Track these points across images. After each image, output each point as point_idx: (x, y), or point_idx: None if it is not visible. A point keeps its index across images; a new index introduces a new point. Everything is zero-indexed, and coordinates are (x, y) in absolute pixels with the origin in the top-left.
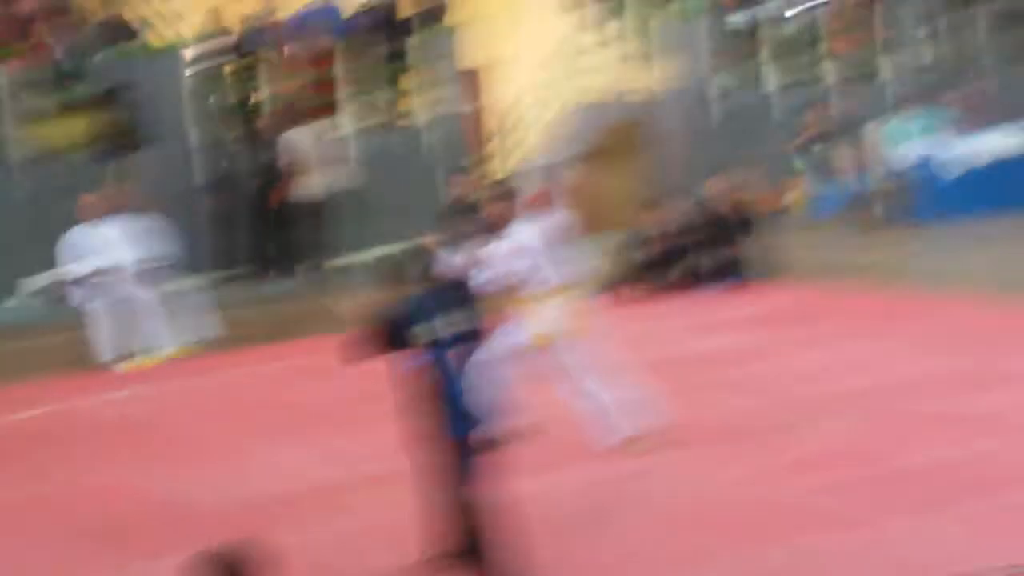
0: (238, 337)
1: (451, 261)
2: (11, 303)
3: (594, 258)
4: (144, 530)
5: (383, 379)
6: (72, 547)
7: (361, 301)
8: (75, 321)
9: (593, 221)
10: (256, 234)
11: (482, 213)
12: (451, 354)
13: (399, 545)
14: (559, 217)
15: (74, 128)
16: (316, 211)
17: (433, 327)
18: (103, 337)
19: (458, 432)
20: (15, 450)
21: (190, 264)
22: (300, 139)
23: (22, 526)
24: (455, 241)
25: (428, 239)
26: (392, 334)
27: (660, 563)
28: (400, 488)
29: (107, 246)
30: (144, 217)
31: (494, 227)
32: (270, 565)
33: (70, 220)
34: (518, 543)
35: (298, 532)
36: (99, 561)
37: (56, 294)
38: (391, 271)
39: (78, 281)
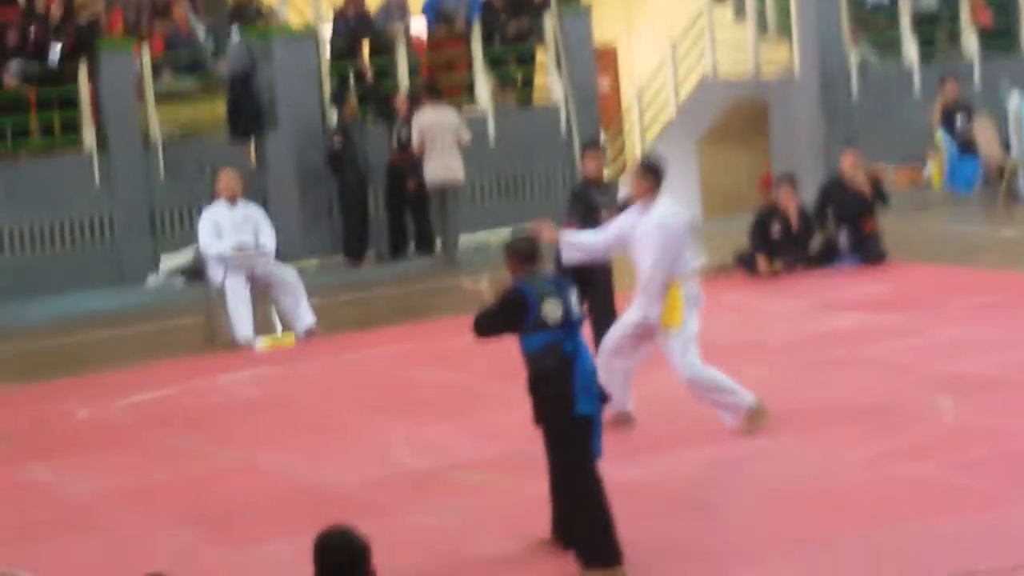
0: (369, 317)
1: (587, 240)
2: (151, 281)
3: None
4: (266, 512)
5: (515, 359)
6: (192, 529)
7: (494, 279)
8: (214, 299)
9: (725, 198)
10: (386, 214)
11: (621, 189)
12: (577, 331)
13: (521, 527)
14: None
15: (212, 108)
16: (448, 191)
17: (561, 305)
18: (241, 315)
19: (585, 409)
20: (145, 431)
21: (315, 245)
22: (433, 118)
23: (146, 507)
24: (587, 219)
25: (548, 225)
26: (522, 312)
27: (785, 545)
28: (527, 470)
29: (246, 224)
30: (268, 199)
31: (636, 203)
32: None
33: (209, 199)
34: (623, 524)
35: (420, 513)
36: (216, 543)
37: (195, 272)
38: (523, 250)
39: (218, 258)
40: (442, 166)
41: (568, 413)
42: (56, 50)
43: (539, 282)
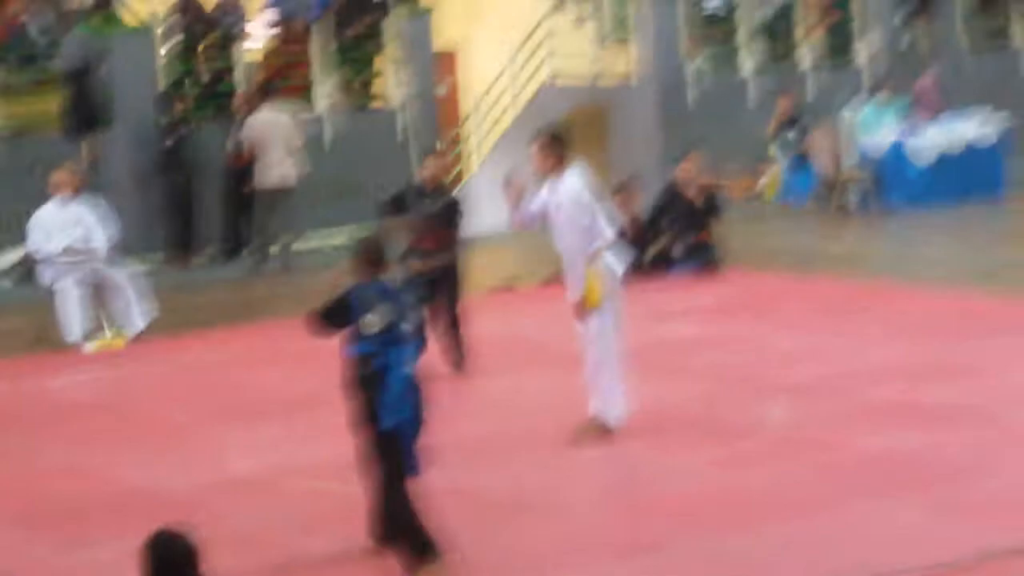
0: (199, 320)
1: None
2: None
3: None
4: (94, 514)
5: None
6: (18, 531)
7: (335, 279)
8: (43, 300)
9: None
10: (222, 215)
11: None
12: (399, 345)
13: (350, 531)
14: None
15: (46, 104)
16: (278, 194)
17: (385, 317)
18: (71, 316)
19: (387, 425)
20: None
21: (147, 245)
22: (267, 120)
23: None
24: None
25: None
26: (343, 317)
27: (618, 550)
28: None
29: (78, 224)
30: (103, 197)
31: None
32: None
33: (41, 197)
34: (445, 529)
35: (250, 516)
36: (43, 545)
37: (25, 272)
38: (367, 252)
39: (48, 259)
40: (275, 170)
41: (373, 426)
42: None
43: (372, 290)
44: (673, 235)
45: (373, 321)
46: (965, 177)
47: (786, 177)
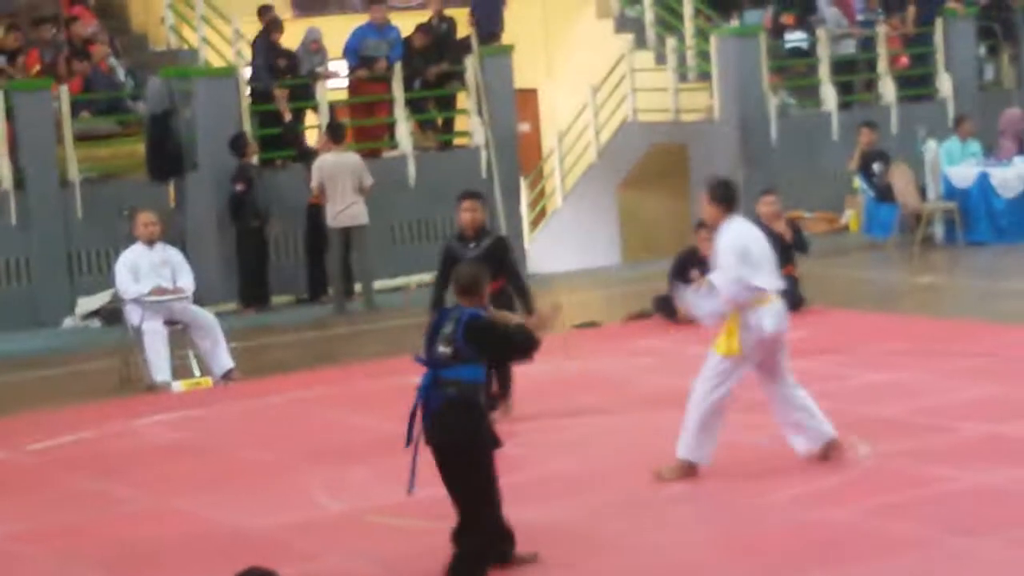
0: (283, 361)
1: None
2: (67, 323)
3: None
4: (180, 555)
5: None
6: (107, 574)
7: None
8: (131, 341)
9: (645, 242)
10: (306, 257)
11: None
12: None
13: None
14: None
15: (131, 148)
16: (352, 233)
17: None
18: (159, 356)
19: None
20: (61, 474)
21: (229, 289)
22: (336, 160)
23: (57, 551)
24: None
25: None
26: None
27: None
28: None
29: (165, 265)
30: (187, 240)
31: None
32: None
33: (126, 240)
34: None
35: (337, 556)
36: None
37: (112, 313)
38: (463, 284)
39: (135, 300)
40: (346, 210)
41: (488, 443)
42: None
43: (449, 317)
44: None
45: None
46: None
47: (870, 210)
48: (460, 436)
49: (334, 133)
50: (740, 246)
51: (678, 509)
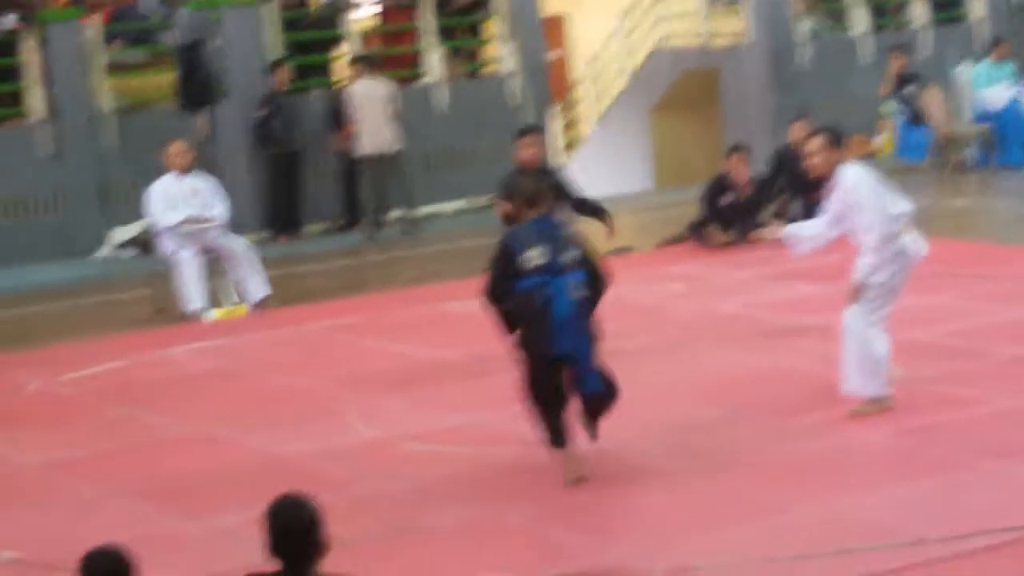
0: (317, 290)
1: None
2: (101, 253)
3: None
4: (217, 482)
5: (466, 331)
6: (144, 501)
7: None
8: (163, 271)
9: (678, 168)
10: (329, 187)
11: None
12: (561, 275)
13: (475, 496)
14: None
15: (160, 79)
16: (384, 161)
17: (545, 253)
18: (192, 286)
19: (562, 349)
20: (95, 404)
21: (261, 218)
22: (365, 90)
23: (98, 479)
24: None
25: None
26: (509, 259)
27: (742, 512)
28: (480, 440)
29: (196, 195)
30: (217, 171)
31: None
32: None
33: (157, 171)
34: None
35: (374, 482)
36: (169, 514)
37: (144, 244)
38: (527, 192)
39: (167, 230)
40: (375, 138)
41: (544, 353)
42: (8, 20)
43: (529, 228)
44: (790, 196)
45: (533, 256)
46: None
47: (901, 135)
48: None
49: (365, 62)
50: (870, 183)
51: (713, 433)
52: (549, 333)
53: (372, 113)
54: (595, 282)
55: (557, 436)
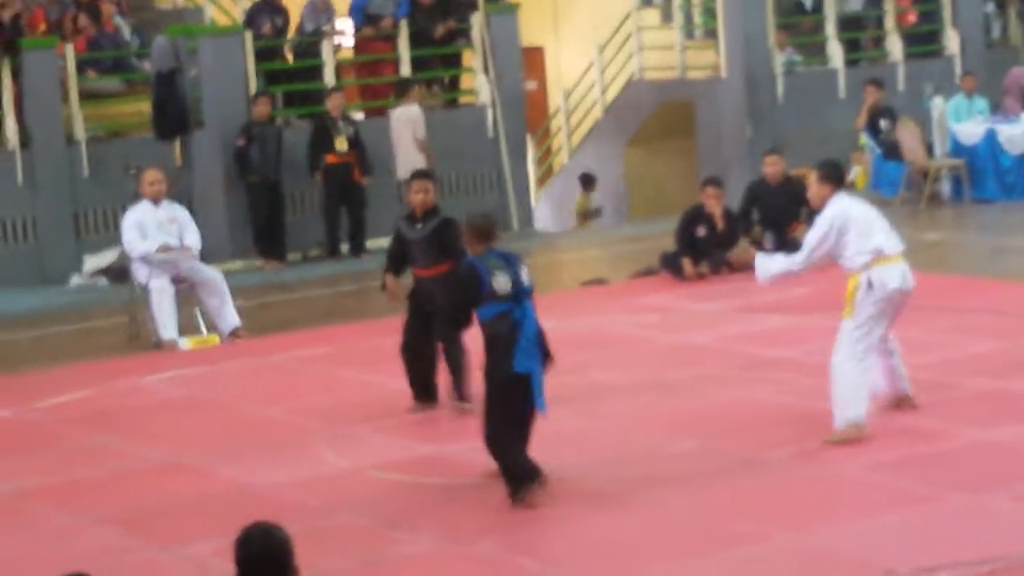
0: (294, 319)
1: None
2: (74, 281)
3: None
4: (188, 511)
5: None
6: (115, 529)
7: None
8: (138, 300)
9: (651, 200)
10: (323, 215)
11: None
12: (526, 298)
13: (444, 526)
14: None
15: (137, 108)
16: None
17: (510, 278)
18: (166, 314)
19: (522, 367)
20: (68, 432)
21: (238, 247)
22: (400, 114)
23: (69, 507)
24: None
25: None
26: (477, 285)
27: (713, 543)
28: (449, 469)
29: (172, 222)
30: (194, 198)
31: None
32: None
33: (133, 198)
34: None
35: (344, 512)
36: (140, 543)
37: (119, 271)
38: (480, 228)
39: (142, 257)
40: (407, 162)
41: (508, 371)
42: None
43: (490, 258)
44: (763, 229)
45: (503, 281)
46: None
47: (877, 168)
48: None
49: (399, 87)
50: (841, 220)
51: (683, 465)
52: (514, 353)
53: (404, 138)
54: None
55: (526, 472)
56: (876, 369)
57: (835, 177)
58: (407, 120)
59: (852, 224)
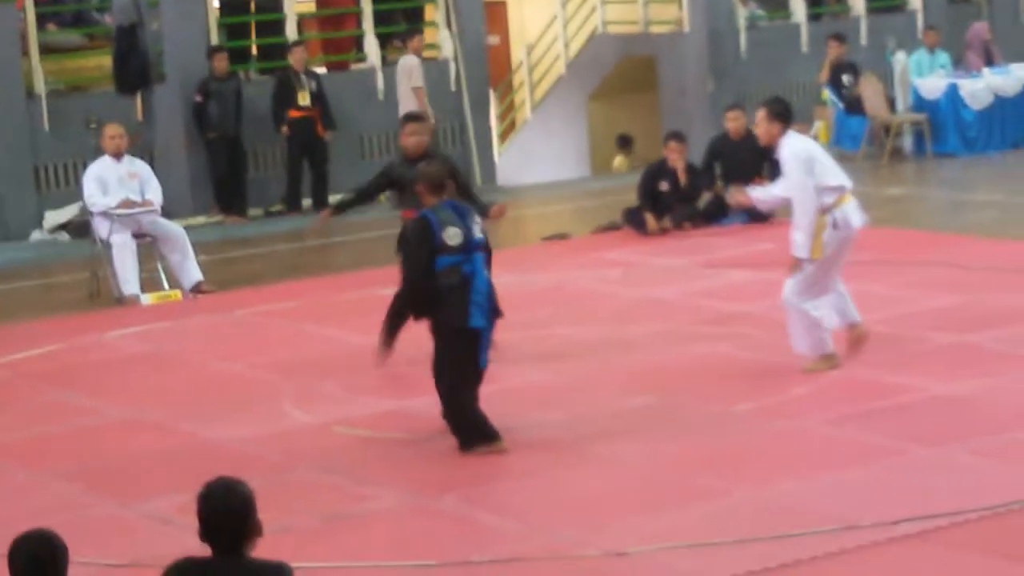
0: (257, 274)
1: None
2: (35, 237)
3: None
4: (151, 467)
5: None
6: (77, 485)
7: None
8: (99, 255)
9: (614, 155)
10: (286, 168)
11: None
12: (478, 251)
13: (407, 481)
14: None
15: (98, 62)
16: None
17: (461, 231)
18: (128, 270)
19: (476, 323)
20: (30, 388)
21: (200, 202)
22: (401, 66)
23: (30, 463)
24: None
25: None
26: (430, 236)
27: (675, 497)
28: (414, 424)
29: (133, 177)
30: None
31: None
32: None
33: (93, 153)
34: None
35: (308, 468)
36: (102, 499)
37: (81, 226)
38: (433, 178)
39: (104, 213)
40: (404, 110)
41: (461, 325)
42: None
43: (442, 211)
44: (725, 184)
45: (455, 233)
46: (1022, 121)
47: (839, 123)
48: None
49: (400, 39)
50: (806, 155)
51: (646, 420)
52: (467, 307)
53: (403, 86)
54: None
55: (482, 431)
56: (825, 306)
57: (785, 114)
58: (404, 70)
59: (816, 162)
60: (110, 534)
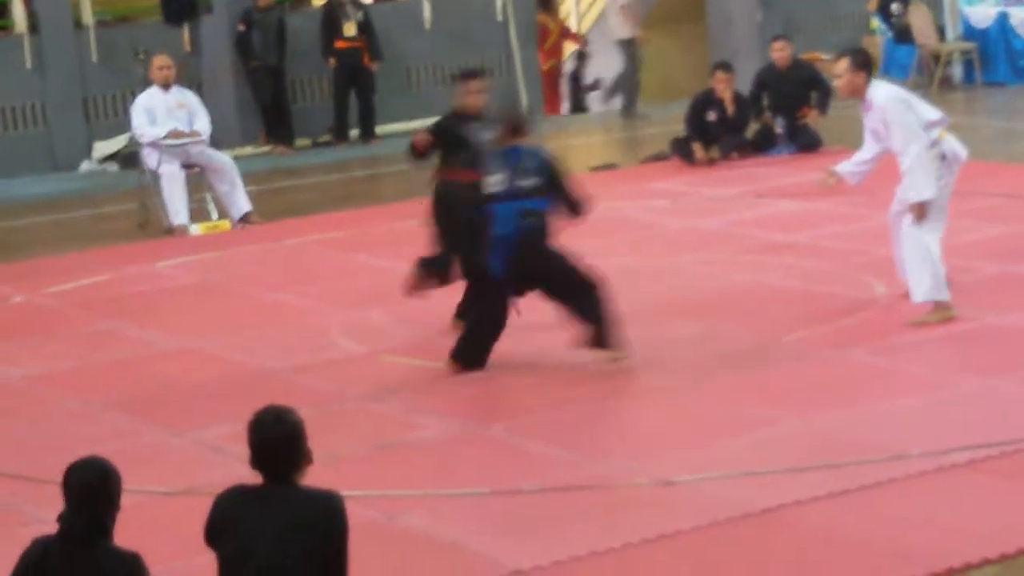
0: (305, 204)
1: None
2: (84, 167)
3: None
4: (201, 395)
5: None
6: (128, 414)
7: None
8: (148, 185)
9: (662, 85)
10: (333, 99)
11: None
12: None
13: (455, 409)
14: None
15: None
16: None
17: (501, 181)
18: (177, 200)
19: (492, 267)
20: (80, 318)
21: (247, 132)
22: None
23: (81, 392)
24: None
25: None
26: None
27: (725, 427)
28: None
29: (181, 107)
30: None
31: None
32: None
33: (142, 84)
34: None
35: (356, 396)
36: (153, 427)
37: (129, 157)
38: (514, 122)
39: (152, 143)
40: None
41: (481, 264)
42: None
43: (496, 157)
44: (773, 114)
45: (491, 182)
46: None
47: (888, 52)
48: (548, 261)
49: None
50: (903, 96)
51: (694, 350)
52: (488, 251)
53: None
54: (572, 208)
55: (476, 356)
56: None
57: (868, 63)
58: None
59: (912, 100)
60: (161, 463)
